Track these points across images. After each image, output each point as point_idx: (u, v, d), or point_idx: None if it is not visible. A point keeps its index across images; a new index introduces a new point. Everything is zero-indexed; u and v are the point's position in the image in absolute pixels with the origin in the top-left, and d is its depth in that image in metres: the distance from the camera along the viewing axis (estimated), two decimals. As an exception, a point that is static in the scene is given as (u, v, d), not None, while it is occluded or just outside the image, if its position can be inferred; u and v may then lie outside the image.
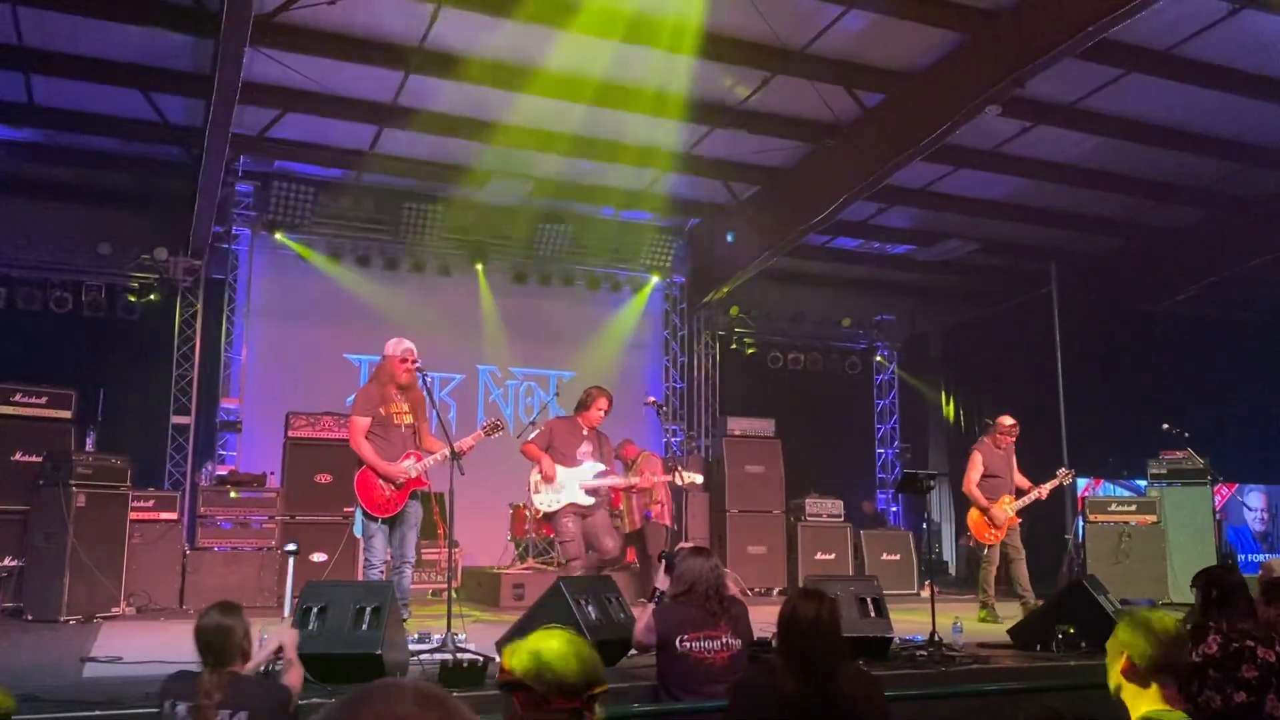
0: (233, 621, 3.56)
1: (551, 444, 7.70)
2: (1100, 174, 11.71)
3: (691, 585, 4.51)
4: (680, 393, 14.08)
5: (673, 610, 4.55)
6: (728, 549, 11.37)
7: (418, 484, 6.51)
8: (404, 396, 6.59)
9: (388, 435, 6.55)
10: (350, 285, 12.19)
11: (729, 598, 4.59)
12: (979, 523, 8.55)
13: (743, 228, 12.69)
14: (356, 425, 6.60)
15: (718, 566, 4.63)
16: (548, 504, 7.54)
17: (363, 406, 6.61)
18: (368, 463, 6.49)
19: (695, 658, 4.38)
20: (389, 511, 6.46)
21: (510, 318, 13.03)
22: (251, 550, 9.55)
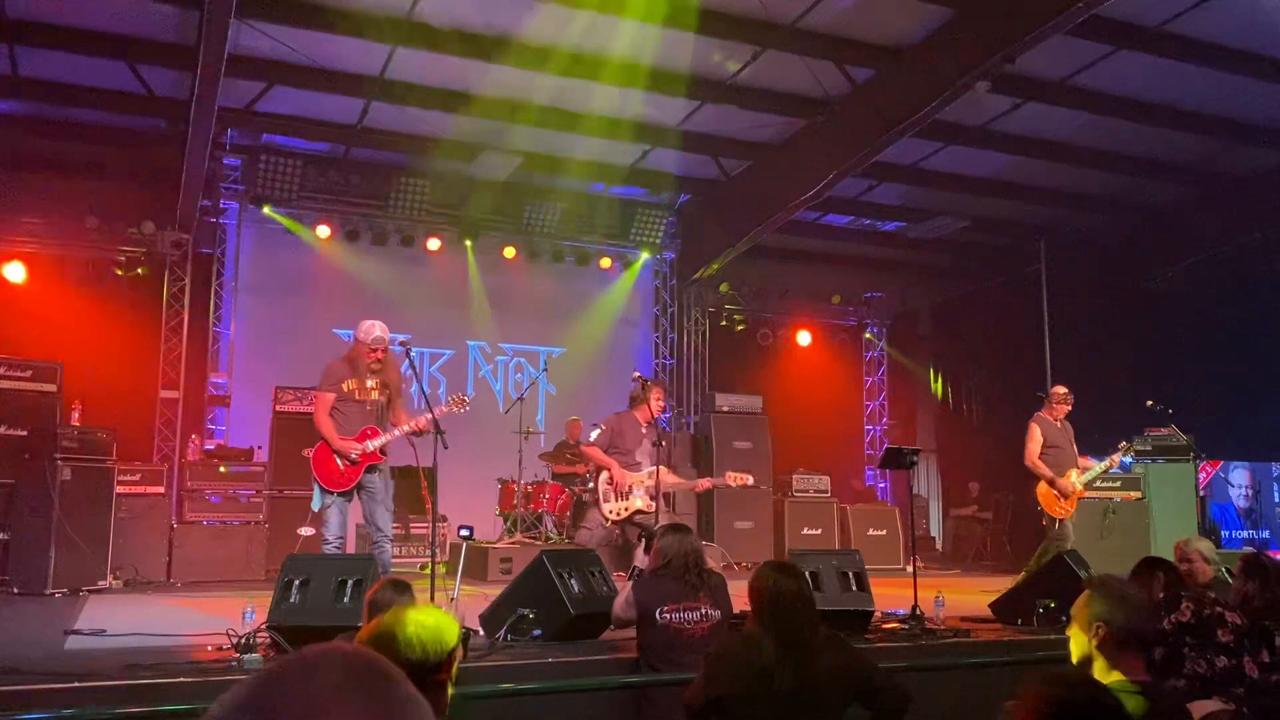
0: (404, 599, 3.56)
1: (613, 443, 7.34)
2: (1090, 151, 11.67)
3: (670, 559, 4.52)
4: (670, 369, 14.06)
5: (652, 583, 4.56)
6: (715, 524, 11.40)
7: (374, 459, 6.49)
8: (376, 375, 6.57)
9: (349, 411, 6.56)
10: (338, 260, 12.13)
11: (708, 570, 4.60)
12: (1048, 496, 8.26)
13: (733, 204, 12.64)
14: (321, 400, 6.63)
15: (696, 541, 4.63)
16: (617, 512, 7.23)
17: (328, 381, 6.61)
18: (324, 437, 6.51)
19: (675, 629, 4.39)
20: (343, 486, 6.46)
21: (500, 293, 12.98)
22: (239, 524, 9.55)
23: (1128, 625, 2.65)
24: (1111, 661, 2.63)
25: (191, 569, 9.19)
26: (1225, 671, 3.52)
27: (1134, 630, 2.66)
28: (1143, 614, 2.72)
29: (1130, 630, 2.65)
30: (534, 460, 10.96)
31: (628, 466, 7.24)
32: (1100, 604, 2.70)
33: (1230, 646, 3.57)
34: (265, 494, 9.74)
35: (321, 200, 11.95)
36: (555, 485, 10.69)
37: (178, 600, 8.02)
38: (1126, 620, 2.65)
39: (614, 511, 7.18)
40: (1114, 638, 2.64)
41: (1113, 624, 2.64)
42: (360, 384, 6.56)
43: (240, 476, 9.75)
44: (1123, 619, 2.65)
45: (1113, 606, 2.68)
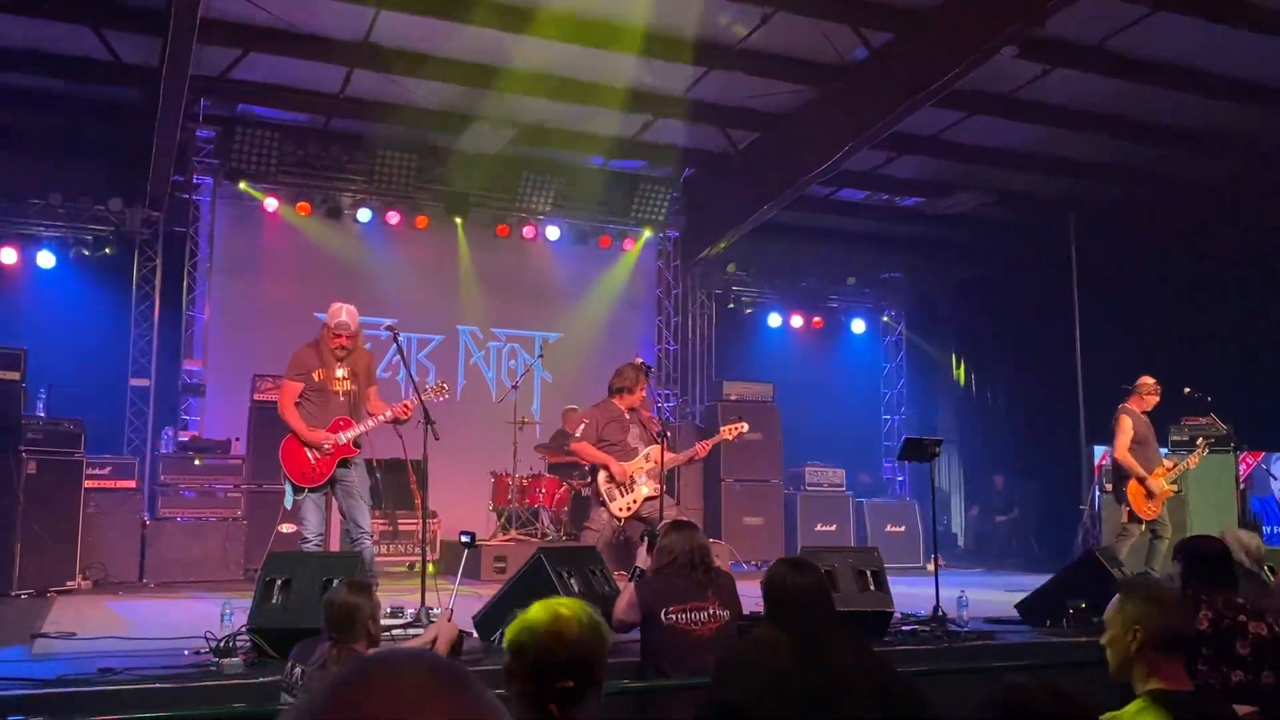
0: (360, 600, 3.69)
1: (601, 437, 7.31)
2: (1124, 121, 11.62)
3: (674, 556, 4.51)
4: (673, 355, 14.06)
5: (656, 582, 4.56)
6: (722, 520, 11.42)
7: (346, 452, 6.49)
8: (345, 361, 6.55)
9: (319, 401, 6.55)
10: (319, 239, 12.11)
11: (715, 568, 4.59)
12: (1138, 494, 8.20)
13: (741, 178, 12.61)
14: (287, 389, 6.62)
15: (702, 537, 4.62)
16: (627, 507, 7.18)
17: (295, 370, 6.60)
18: (292, 429, 6.50)
19: (682, 630, 4.39)
20: (314, 481, 6.45)
21: (492, 275, 12.96)
22: (216, 521, 9.57)
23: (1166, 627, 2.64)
24: (1150, 668, 2.62)
25: (165, 568, 9.21)
26: (1239, 687, 3.51)
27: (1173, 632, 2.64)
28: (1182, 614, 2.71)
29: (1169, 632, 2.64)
30: (529, 452, 10.98)
31: (623, 456, 7.21)
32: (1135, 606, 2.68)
33: (1247, 660, 3.55)
34: (243, 488, 9.75)
35: (301, 175, 11.91)
36: (552, 479, 10.70)
37: (152, 601, 8.04)
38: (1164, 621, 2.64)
39: (623, 508, 7.15)
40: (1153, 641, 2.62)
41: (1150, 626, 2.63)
42: (329, 372, 6.55)
43: (216, 470, 9.76)
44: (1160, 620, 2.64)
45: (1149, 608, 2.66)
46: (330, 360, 6.54)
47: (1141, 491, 8.18)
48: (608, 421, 7.32)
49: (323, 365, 6.55)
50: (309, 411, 6.54)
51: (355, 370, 6.63)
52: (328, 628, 3.65)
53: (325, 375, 6.54)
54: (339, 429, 6.48)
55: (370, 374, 6.81)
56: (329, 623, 3.65)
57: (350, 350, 6.57)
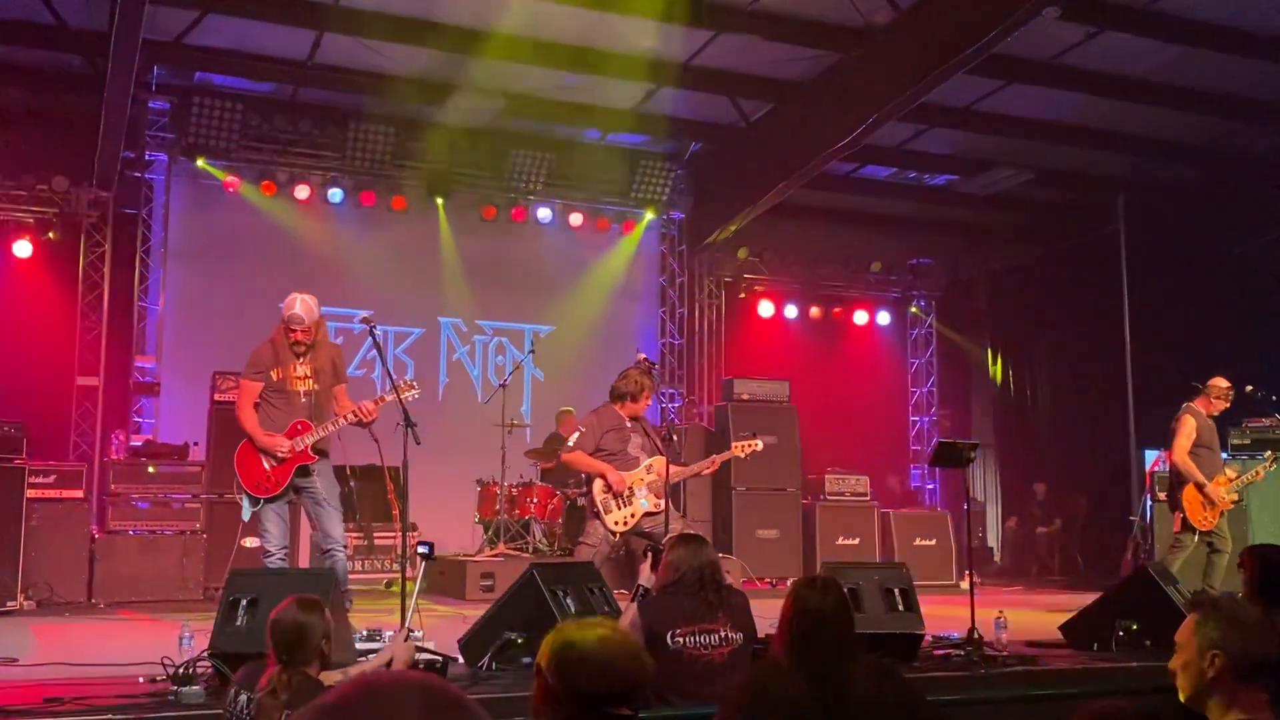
0: (312, 619, 3.72)
1: (600, 445, 7.28)
2: (1179, 90, 11.62)
3: (681, 573, 4.51)
4: (678, 350, 14.07)
5: (661, 601, 4.55)
6: (734, 533, 11.44)
7: (303, 458, 6.49)
8: (306, 358, 6.55)
9: (278, 403, 6.55)
10: (286, 221, 12.11)
11: (727, 586, 4.60)
12: (1195, 503, 8.21)
13: (753, 154, 12.61)
14: (245, 390, 6.62)
15: (712, 552, 4.62)
16: (623, 521, 7.16)
17: (253, 369, 6.60)
18: (246, 433, 6.52)
19: (690, 654, 4.39)
20: (269, 491, 6.46)
21: (477, 261, 12.96)
22: (172, 534, 9.58)
23: (1248, 652, 2.63)
24: (1229, 698, 2.61)
25: (117, 587, 9.22)
26: None
27: (1258, 658, 2.64)
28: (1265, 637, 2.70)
29: (1252, 658, 2.64)
30: (518, 458, 10.98)
31: (622, 467, 7.21)
32: (1215, 626, 2.67)
33: None
34: (203, 498, 9.76)
35: (265, 151, 11.91)
36: (544, 487, 10.72)
37: (102, 623, 8.05)
38: (1246, 646, 2.64)
39: (619, 522, 7.14)
40: (1233, 668, 2.62)
41: (1231, 651, 2.63)
42: (287, 370, 6.55)
43: (173, 478, 9.76)
44: (1241, 644, 2.64)
45: (1229, 630, 2.66)
46: (288, 357, 6.53)
47: (1198, 499, 8.20)
48: (607, 430, 7.29)
49: (279, 363, 6.54)
50: (268, 414, 6.54)
51: (318, 367, 6.62)
52: (276, 649, 3.67)
53: (283, 374, 6.53)
54: (295, 433, 6.48)
55: (337, 371, 6.79)
56: (278, 644, 3.67)
57: (310, 345, 6.56)
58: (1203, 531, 8.22)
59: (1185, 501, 8.23)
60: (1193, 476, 8.20)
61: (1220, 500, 8.22)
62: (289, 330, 6.48)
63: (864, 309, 15.36)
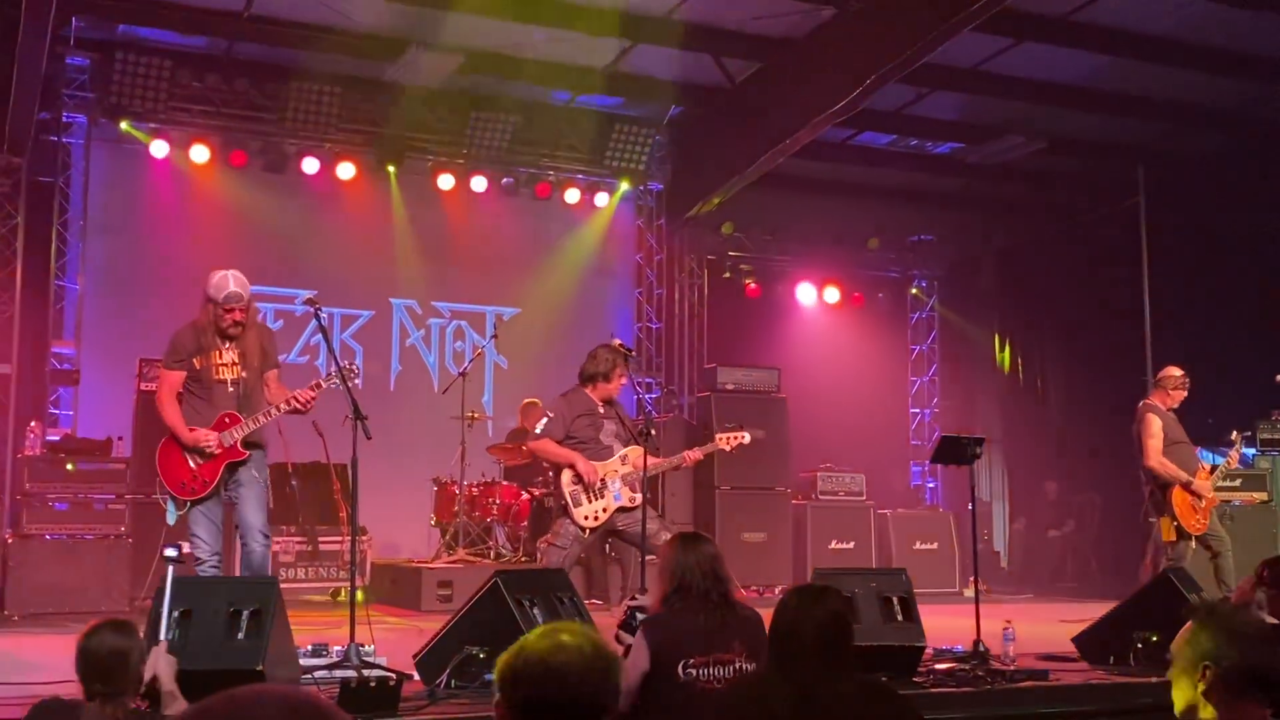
0: (131, 643, 3.63)
1: (570, 433, 7.27)
2: (1205, 51, 11.68)
3: (681, 581, 4.27)
4: (657, 334, 14.08)
5: (670, 621, 4.25)
6: (717, 536, 11.44)
7: (233, 455, 6.47)
8: (234, 344, 6.53)
9: (202, 394, 6.53)
10: (221, 191, 12.06)
11: (736, 601, 4.36)
12: (1185, 506, 8.38)
13: (740, 118, 12.61)
14: (166, 380, 6.58)
15: (715, 550, 4.41)
16: (594, 516, 7.14)
17: (174, 356, 6.57)
18: (169, 428, 6.49)
19: (703, 689, 4.06)
20: (195, 492, 6.44)
21: (433, 236, 12.94)
22: (94, 539, 9.52)
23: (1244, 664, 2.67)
24: (1225, 712, 2.65)
25: (32, 597, 9.15)
26: None
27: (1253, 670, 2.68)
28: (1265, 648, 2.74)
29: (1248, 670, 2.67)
30: (480, 454, 10.98)
31: (594, 457, 7.20)
32: (1208, 637, 2.71)
33: None
34: (129, 499, 9.70)
35: (197, 113, 11.84)
36: (509, 486, 10.72)
37: (13, 636, 8.00)
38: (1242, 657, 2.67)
39: (590, 516, 7.13)
40: (1226, 680, 2.66)
41: (1224, 663, 2.66)
42: (212, 358, 6.52)
43: (95, 476, 9.69)
44: (1237, 656, 2.67)
45: (1224, 640, 2.69)
46: (213, 343, 6.49)
47: (1188, 500, 8.39)
48: (577, 415, 7.30)
49: (202, 350, 6.49)
50: (193, 406, 6.51)
51: (246, 352, 6.57)
52: (88, 681, 3.57)
53: (207, 362, 6.50)
54: (224, 426, 6.45)
55: (268, 355, 6.76)
56: (94, 674, 3.57)
57: (244, 326, 6.53)
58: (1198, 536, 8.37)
59: (1176, 506, 8.39)
60: (1176, 478, 8.39)
61: (1207, 493, 8.40)
62: (224, 311, 6.43)
63: (860, 290, 15.41)
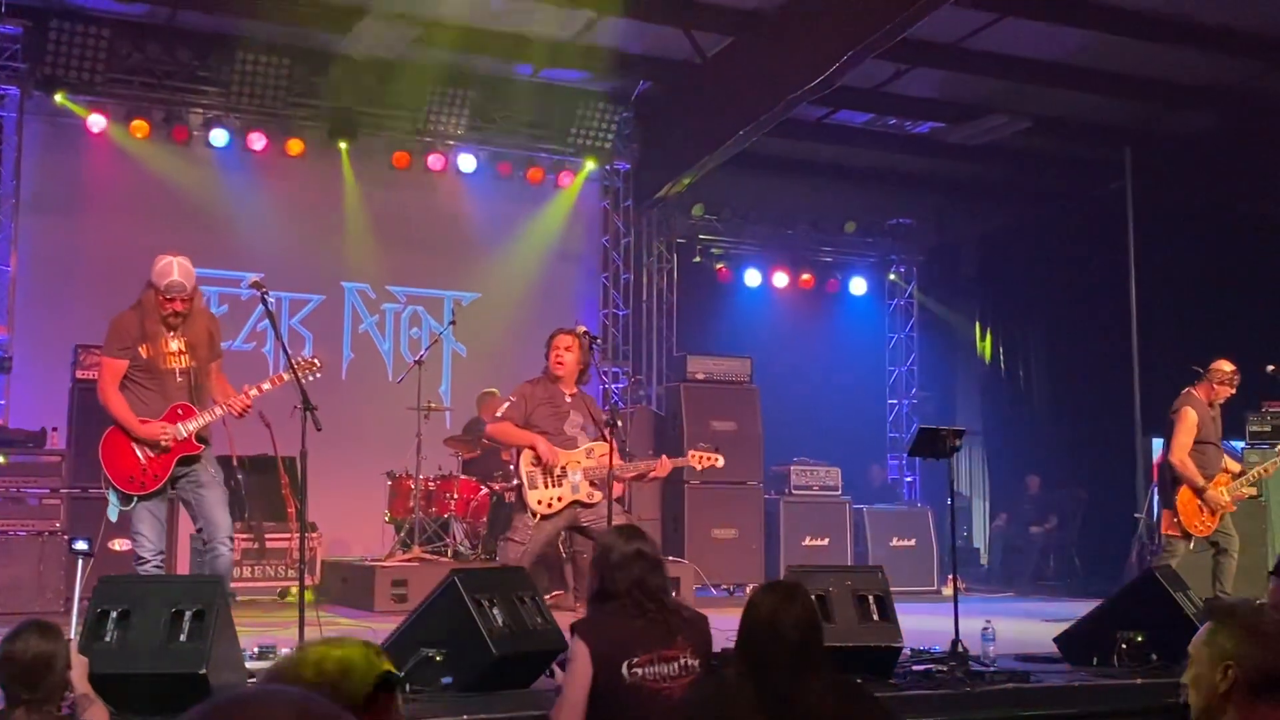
0: (56, 647, 3.64)
1: (530, 421, 7.26)
2: (1196, 27, 11.73)
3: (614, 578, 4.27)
4: (624, 321, 14.08)
5: (606, 621, 4.29)
6: (686, 533, 11.51)
7: (188, 448, 6.45)
8: (179, 330, 6.51)
9: (150, 383, 6.50)
10: (162, 168, 11.98)
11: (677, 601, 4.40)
12: (1190, 507, 8.35)
13: (711, 95, 12.62)
14: (108, 369, 6.53)
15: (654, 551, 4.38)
16: (548, 503, 7.12)
17: (117, 343, 6.52)
18: (116, 419, 6.44)
19: (650, 689, 4.12)
20: (145, 487, 6.40)
21: (388, 217, 12.89)
22: (26, 536, 9.48)
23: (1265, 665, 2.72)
24: (1244, 714, 2.70)
25: (-40, 598, 9.11)
26: None
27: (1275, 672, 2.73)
28: None
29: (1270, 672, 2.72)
30: (437, 447, 10.96)
31: (557, 444, 7.20)
32: (1228, 637, 2.76)
33: None
34: (64, 494, 9.65)
35: (137, 85, 11.76)
36: (467, 480, 10.71)
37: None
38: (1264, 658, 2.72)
39: (543, 501, 7.08)
40: (1249, 682, 2.70)
41: (1247, 664, 2.71)
42: (158, 346, 6.50)
43: (27, 469, 9.64)
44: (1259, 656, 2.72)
45: (1247, 640, 2.74)
46: (158, 329, 6.46)
47: (1194, 502, 8.37)
48: (540, 403, 7.30)
49: (147, 337, 6.47)
50: (140, 397, 6.47)
51: (193, 341, 6.55)
52: (10, 688, 3.59)
53: (153, 350, 6.47)
54: (177, 418, 6.42)
55: (214, 344, 6.74)
56: (16, 680, 3.59)
57: (186, 315, 6.51)
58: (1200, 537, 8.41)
59: (1180, 504, 8.38)
60: (1192, 481, 8.35)
61: (1219, 504, 8.39)
62: (164, 300, 6.40)
63: (836, 276, 15.46)
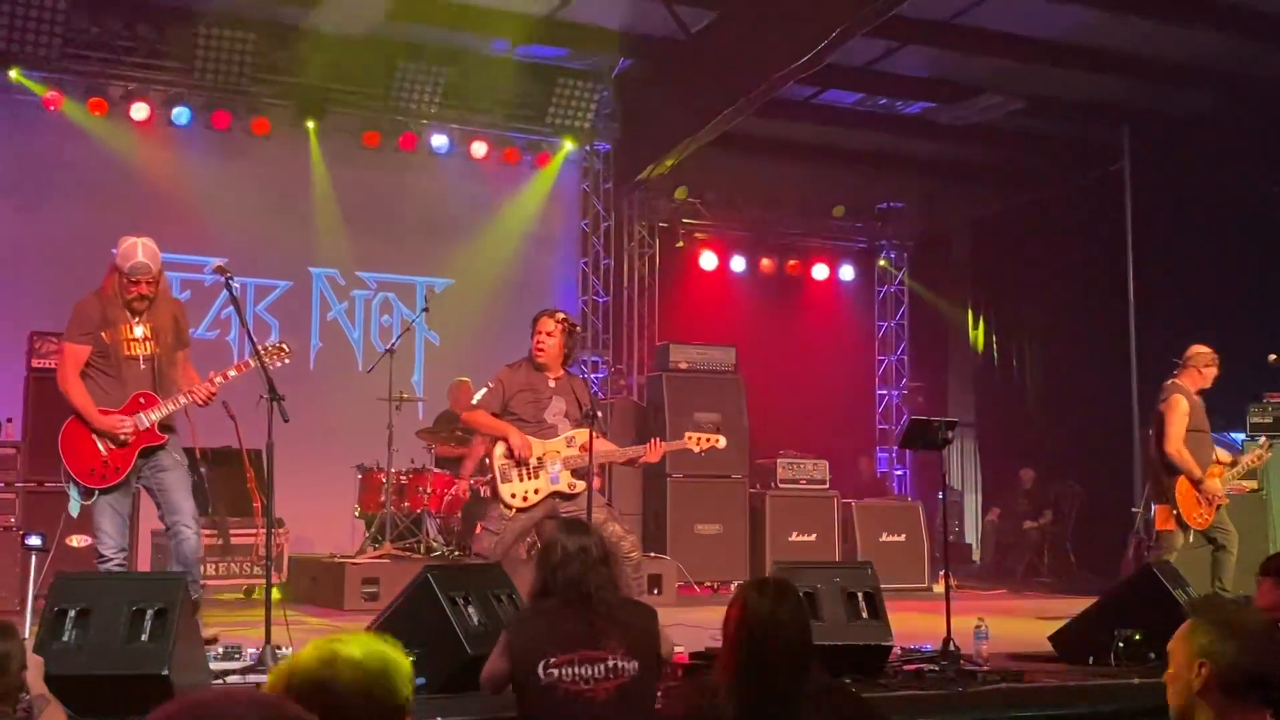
0: (8, 646, 3.62)
1: (509, 408, 7.21)
2: (1198, 4, 11.76)
3: (553, 573, 4.27)
4: (604, 309, 14.07)
5: (534, 619, 4.36)
6: (668, 528, 11.50)
7: (150, 438, 6.43)
8: (144, 316, 6.47)
9: (111, 371, 6.48)
10: (120, 148, 11.94)
11: (620, 600, 4.37)
12: (1188, 498, 8.38)
13: (694, 73, 12.59)
14: (69, 355, 6.51)
15: (599, 546, 4.38)
16: (524, 496, 7.05)
17: (79, 328, 6.50)
18: (76, 409, 6.43)
19: (568, 690, 4.12)
20: (106, 480, 6.39)
21: (358, 200, 12.85)
22: (-20, 531, 9.42)
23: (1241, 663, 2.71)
24: (1220, 713, 2.70)
25: (-90, 597, 9.05)
26: None
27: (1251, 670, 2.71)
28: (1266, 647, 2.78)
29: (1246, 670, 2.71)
30: (409, 439, 10.93)
31: (535, 435, 7.15)
32: (1204, 633, 2.76)
33: None
34: (18, 487, 9.60)
35: (96, 62, 11.72)
36: (441, 474, 10.68)
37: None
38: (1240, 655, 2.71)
39: (517, 495, 7.02)
40: (1223, 679, 2.70)
41: (1221, 660, 2.70)
42: (121, 332, 6.47)
43: (-20, 463, 9.59)
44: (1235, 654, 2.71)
45: (1222, 637, 2.73)
46: (121, 315, 6.43)
47: (1194, 493, 8.41)
48: (520, 389, 7.23)
49: (110, 323, 6.44)
50: (99, 385, 6.45)
51: (159, 326, 6.54)
52: None
53: (116, 336, 6.44)
54: (138, 408, 6.39)
55: (181, 331, 6.73)
56: None
57: (151, 299, 6.48)
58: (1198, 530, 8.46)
59: (1179, 496, 8.41)
60: (1190, 471, 8.38)
61: (1216, 495, 8.44)
62: (128, 283, 6.37)
63: (824, 262, 15.47)
